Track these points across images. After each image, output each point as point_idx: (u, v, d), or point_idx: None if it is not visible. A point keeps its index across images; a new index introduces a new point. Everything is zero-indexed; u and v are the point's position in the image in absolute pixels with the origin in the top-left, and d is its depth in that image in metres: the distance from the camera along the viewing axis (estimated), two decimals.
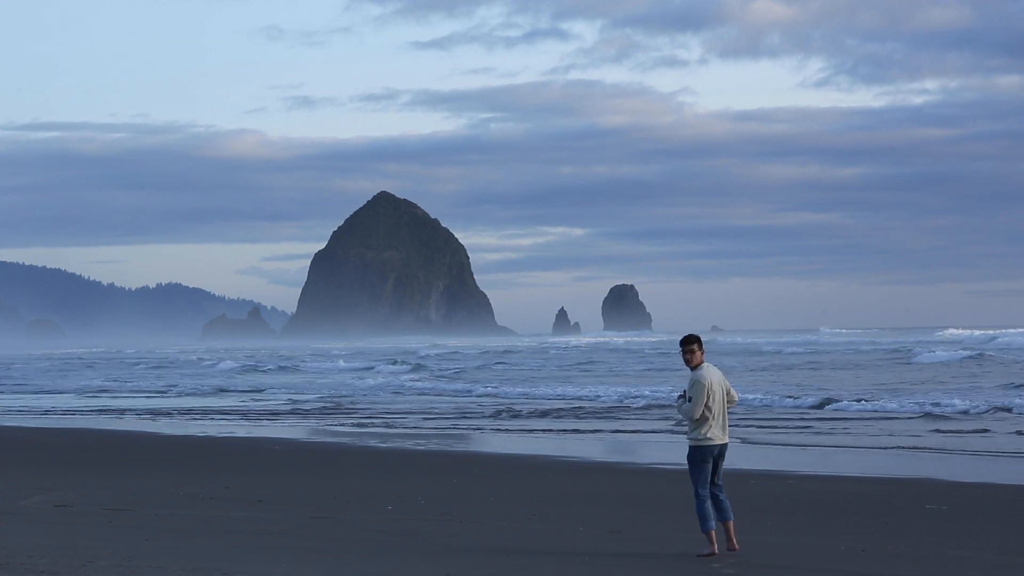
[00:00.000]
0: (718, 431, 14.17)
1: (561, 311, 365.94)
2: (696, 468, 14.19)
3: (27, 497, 19.18)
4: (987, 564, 14.19)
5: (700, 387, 14.07)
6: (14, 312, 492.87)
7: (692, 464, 14.24)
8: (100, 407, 51.66)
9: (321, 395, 59.54)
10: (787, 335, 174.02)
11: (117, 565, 12.66)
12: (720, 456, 14.27)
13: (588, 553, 14.37)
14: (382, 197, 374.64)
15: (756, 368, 76.52)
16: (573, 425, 38.31)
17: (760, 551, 14.64)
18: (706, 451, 14.14)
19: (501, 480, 23.30)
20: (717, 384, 14.18)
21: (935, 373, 64.45)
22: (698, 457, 14.17)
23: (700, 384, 14.08)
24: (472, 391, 60.20)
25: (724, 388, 14.26)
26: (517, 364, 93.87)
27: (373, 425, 39.30)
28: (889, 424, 36.70)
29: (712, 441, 14.14)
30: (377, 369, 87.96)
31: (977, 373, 63.02)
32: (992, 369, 66.69)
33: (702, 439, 14.14)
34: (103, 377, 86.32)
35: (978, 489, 21.89)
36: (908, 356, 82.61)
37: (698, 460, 14.17)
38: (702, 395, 14.06)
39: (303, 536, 15.40)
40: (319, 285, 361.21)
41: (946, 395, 45.34)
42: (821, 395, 47.59)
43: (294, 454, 29.28)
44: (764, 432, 34.40)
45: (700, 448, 14.15)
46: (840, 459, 27.65)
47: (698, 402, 14.07)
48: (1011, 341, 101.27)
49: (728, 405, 14.31)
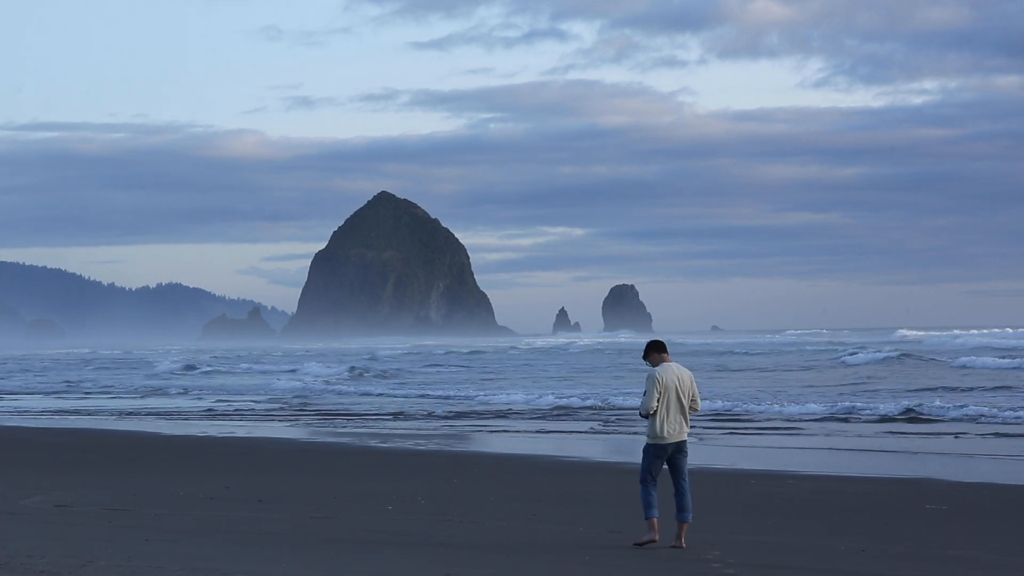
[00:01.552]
0: (671, 429, 14.44)
1: (561, 311, 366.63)
2: (647, 460, 14.60)
3: (27, 497, 19.17)
4: (987, 564, 14.19)
5: (651, 381, 14.45)
6: (14, 312, 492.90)
7: (645, 456, 14.65)
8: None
9: (217, 397, 59.81)
10: (748, 336, 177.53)
11: (117, 565, 12.66)
12: (678, 453, 14.57)
13: (588, 553, 14.37)
14: (382, 197, 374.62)
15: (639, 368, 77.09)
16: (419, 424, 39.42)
17: (760, 551, 14.65)
18: (659, 448, 14.53)
19: (501, 480, 23.30)
20: (672, 382, 14.42)
21: (845, 375, 65.59)
22: (652, 452, 14.57)
23: (651, 378, 14.46)
24: (373, 392, 60.84)
25: (686, 389, 14.48)
26: (471, 366, 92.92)
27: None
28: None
29: (664, 440, 14.47)
30: (302, 371, 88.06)
31: (886, 375, 63.53)
32: (905, 371, 67.41)
33: (655, 436, 14.50)
34: (23, 379, 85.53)
35: (978, 489, 21.89)
36: (837, 357, 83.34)
37: (651, 455, 14.57)
38: (652, 389, 14.42)
39: (303, 536, 15.39)
40: (319, 285, 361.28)
41: (819, 398, 46.17)
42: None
43: (294, 454, 29.28)
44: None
45: (654, 445, 14.54)
46: (840, 459, 27.65)
47: (649, 396, 14.42)
48: (944, 343, 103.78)
49: (691, 409, 14.55)
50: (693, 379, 14.65)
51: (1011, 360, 68.55)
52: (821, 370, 72.30)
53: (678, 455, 14.59)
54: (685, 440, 14.60)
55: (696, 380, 14.80)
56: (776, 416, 40.68)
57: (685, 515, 14.59)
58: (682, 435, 14.54)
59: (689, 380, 14.56)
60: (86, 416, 45.58)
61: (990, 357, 72.47)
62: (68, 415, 46.33)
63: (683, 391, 14.48)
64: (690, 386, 14.54)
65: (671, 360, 14.68)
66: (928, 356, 78.97)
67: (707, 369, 75.14)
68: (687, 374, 14.60)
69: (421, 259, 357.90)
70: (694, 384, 14.61)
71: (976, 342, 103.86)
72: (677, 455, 14.59)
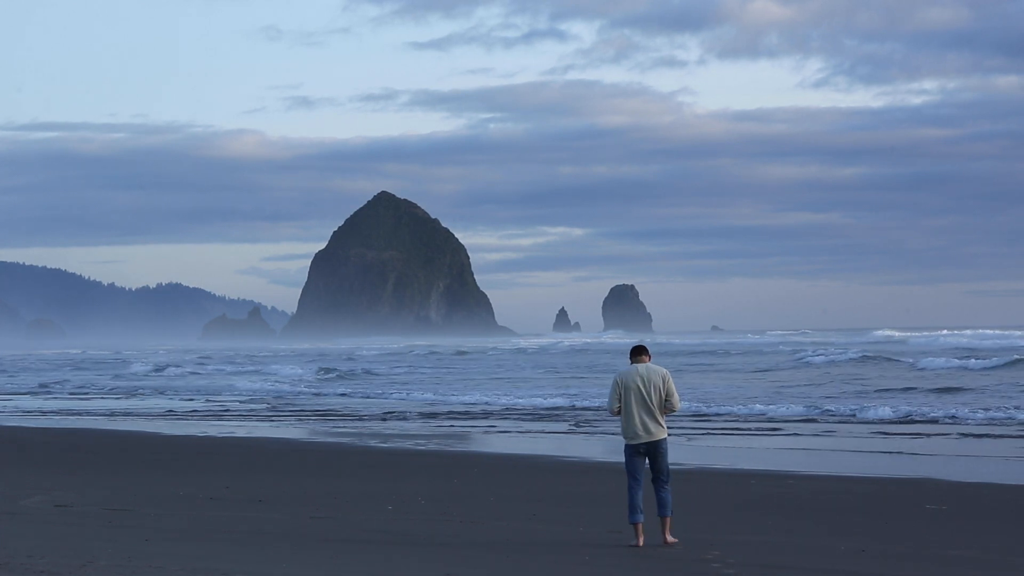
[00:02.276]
0: (636, 428, 14.72)
1: (561, 311, 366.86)
2: (626, 459, 14.97)
3: (27, 497, 19.18)
4: (987, 564, 14.20)
5: (613, 384, 14.86)
6: (14, 312, 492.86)
7: (624, 455, 15.02)
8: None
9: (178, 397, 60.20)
10: (725, 336, 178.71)
11: (117, 565, 12.66)
12: (653, 453, 14.78)
13: (588, 553, 14.38)
14: (382, 197, 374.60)
15: (607, 369, 79.43)
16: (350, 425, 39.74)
17: (760, 551, 14.65)
18: (630, 448, 14.86)
19: (501, 480, 23.30)
20: (634, 382, 14.67)
21: (808, 375, 66.20)
22: (625, 451, 14.97)
23: (614, 381, 14.86)
24: (331, 392, 61.14)
25: (656, 388, 14.64)
26: (447, 367, 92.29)
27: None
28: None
29: (631, 439, 14.80)
30: (267, 372, 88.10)
31: (830, 377, 64.04)
32: (859, 371, 67.92)
33: (624, 436, 14.90)
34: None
35: (978, 489, 21.89)
36: (802, 358, 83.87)
37: (625, 454, 14.97)
38: (612, 391, 14.83)
39: (303, 536, 15.40)
40: (319, 285, 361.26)
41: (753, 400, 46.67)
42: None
43: (294, 454, 29.28)
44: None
45: (625, 445, 14.94)
46: (840, 459, 27.66)
47: (611, 397, 14.84)
48: (928, 343, 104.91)
49: (665, 409, 14.72)
50: (667, 378, 14.73)
51: (962, 361, 69.56)
52: (776, 371, 73.11)
53: (655, 454, 14.79)
54: (661, 440, 14.76)
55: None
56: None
57: (664, 511, 14.84)
58: (653, 435, 14.71)
59: (660, 380, 14.67)
60: (41, 416, 45.72)
61: (946, 358, 73.14)
62: (29, 415, 46.60)
63: (649, 391, 14.62)
64: (661, 385, 14.65)
65: (648, 361, 14.85)
66: (891, 357, 79.37)
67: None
68: (658, 373, 14.71)
69: (421, 259, 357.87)
70: (669, 383, 14.70)
71: (951, 343, 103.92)
72: (654, 454, 14.79)
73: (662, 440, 14.77)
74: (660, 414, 14.71)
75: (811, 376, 65.45)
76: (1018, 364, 66.46)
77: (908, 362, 72.43)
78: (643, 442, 14.73)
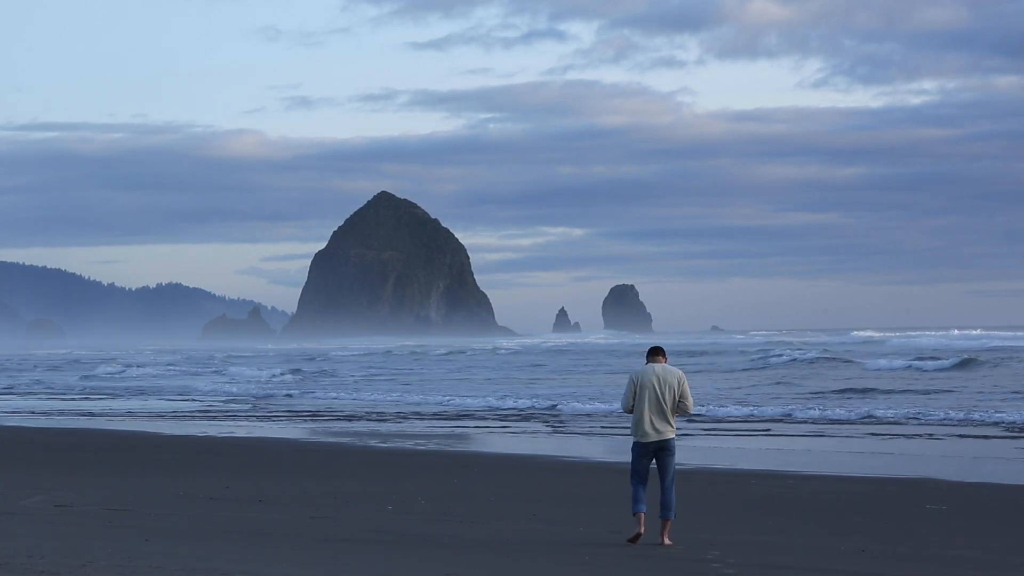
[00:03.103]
0: (648, 427, 14.83)
1: (561, 311, 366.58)
2: (632, 457, 15.08)
3: (27, 497, 19.17)
4: (987, 564, 14.20)
5: (628, 382, 15.04)
6: (14, 312, 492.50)
7: (631, 453, 15.12)
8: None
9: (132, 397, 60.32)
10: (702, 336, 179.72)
11: (117, 565, 12.66)
12: (661, 452, 14.90)
13: (588, 553, 14.38)
14: (382, 197, 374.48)
15: (562, 370, 79.22)
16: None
17: (760, 551, 14.65)
18: (640, 446, 14.97)
19: (501, 480, 23.31)
20: (649, 382, 14.80)
21: (762, 376, 67.22)
22: (634, 450, 15.05)
23: (629, 380, 15.02)
24: (278, 395, 61.09)
25: (670, 389, 14.77)
26: (422, 370, 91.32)
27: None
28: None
29: (642, 438, 14.91)
30: (229, 373, 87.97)
31: (794, 377, 64.91)
32: (814, 371, 69.15)
33: (634, 434, 14.99)
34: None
35: (978, 489, 21.90)
36: (765, 358, 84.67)
37: (634, 452, 15.05)
38: (627, 389, 14.98)
39: (303, 536, 15.40)
40: (319, 285, 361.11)
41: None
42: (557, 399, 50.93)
43: (293, 454, 29.28)
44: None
45: (635, 443, 15.02)
46: (840, 459, 27.67)
47: (625, 394, 15.00)
48: (903, 344, 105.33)
49: (678, 410, 14.85)
50: (683, 380, 14.85)
51: (905, 361, 71.08)
52: (733, 371, 74.04)
53: (662, 454, 14.90)
54: (670, 439, 14.88)
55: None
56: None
57: (667, 513, 14.88)
58: (662, 434, 14.82)
59: (676, 381, 14.79)
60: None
61: (903, 359, 74.19)
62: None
63: (663, 391, 14.75)
64: (676, 387, 14.76)
65: (665, 362, 14.96)
66: (848, 358, 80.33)
67: (620, 370, 76.27)
68: (674, 375, 14.84)
69: (421, 259, 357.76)
70: (684, 385, 14.82)
71: (925, 344, 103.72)
72: (662, 454, 14.90)
73: (670, 440, 14.91)
74: (671, 414, 14.83)
75: (763, 377, 66.49)
76: (969, 364, 67.94)
77: (861, 363, 73.31)
78: (652, 440, 14.85)
